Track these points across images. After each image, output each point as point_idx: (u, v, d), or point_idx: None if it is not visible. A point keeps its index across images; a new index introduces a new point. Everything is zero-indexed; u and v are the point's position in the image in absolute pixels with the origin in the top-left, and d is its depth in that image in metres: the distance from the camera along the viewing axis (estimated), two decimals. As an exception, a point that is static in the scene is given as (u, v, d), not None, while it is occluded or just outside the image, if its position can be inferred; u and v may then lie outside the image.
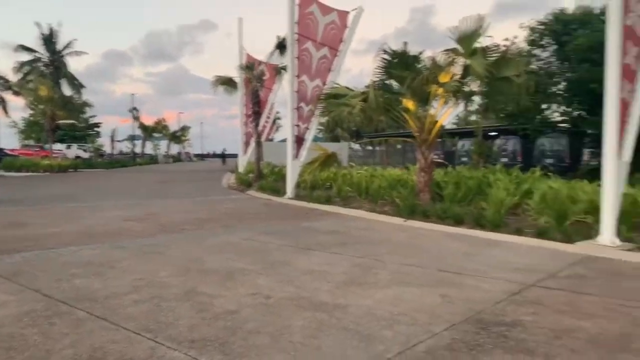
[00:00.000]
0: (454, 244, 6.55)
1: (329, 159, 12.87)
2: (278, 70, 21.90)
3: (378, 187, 11.60)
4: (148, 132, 58.68)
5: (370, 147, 38.94)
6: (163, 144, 66.47)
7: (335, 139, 48.47)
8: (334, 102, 11.17)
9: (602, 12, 7.25)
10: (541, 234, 6.89)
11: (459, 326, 3.34)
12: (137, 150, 57.20)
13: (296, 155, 13.34)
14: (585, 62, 14.24)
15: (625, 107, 6.51)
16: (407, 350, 2.92)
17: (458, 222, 8.12)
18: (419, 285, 4.39)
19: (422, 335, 3.16)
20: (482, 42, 9.55)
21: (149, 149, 61.56)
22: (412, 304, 3.83)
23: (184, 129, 71.48)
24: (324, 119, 14.88)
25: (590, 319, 3.49)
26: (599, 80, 6.58)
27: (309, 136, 13.63)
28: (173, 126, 68.64)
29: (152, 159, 52.82)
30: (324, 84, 13.58)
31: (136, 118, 55.49)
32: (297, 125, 13.39)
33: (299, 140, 13.47)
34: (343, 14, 13.89)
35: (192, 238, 6.95)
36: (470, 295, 4.08)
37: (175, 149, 71.87)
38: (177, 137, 69.26)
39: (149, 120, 61.20)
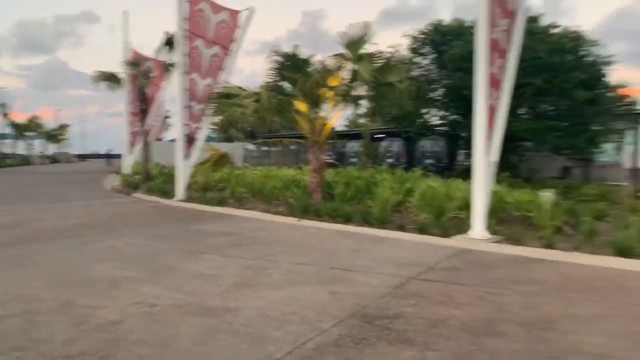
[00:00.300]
0: (344, 242, 6.78)
1: (222, 159, 12.66)
2: (166, 67, 21.05)
3: (272, 188, 11.64)
4: (20, 130, 53.21)
5: (265, 148, 38.91)
6: (38, 144, 60.65)
7: (229, 139, 47.74)
8: (226, 102, 11.01)
9: (474, 25, 8.00)
10: (422, 229, 7.39)
11: (347, 321, 3.47)
12: (7, 150, 51.61)
13: (187, 156, 12.92)
14: (459, 70, 15.55)
15: (492, 112, 7.20)
16: (296, 349, 2.98)
17: (348, 220, 8.43)
18: (310, 284, 4.49)
19: (311, 333, 3.24)
20: (368, 48, 10.00)
21: (21, 149, 55.86)
22: (303, 303, 3.90)
23: (63, 127, 65.78)
24: (216, 119, 14.60)
25: (462, 308, 3.82)
26: (471, 88, 7.21)
27: (201, 136, 13.29)
28: (50, 124, 62.96)
29: (25, 160, 47.86)
30: (216, 82, 13.33)
31: (5, 115, 50.02)
32: (188, 125, 12.98)
33: (190, 140, 13.07)
34: (234, 13, 13.74)
35: (71, 246, 6.44)
36: (358, 290, 4.27)
37: (52, 149, 65.87)
38: (54, 136, 63.52)
39: (21, 118, 55.59)
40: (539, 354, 2.96)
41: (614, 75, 17.05)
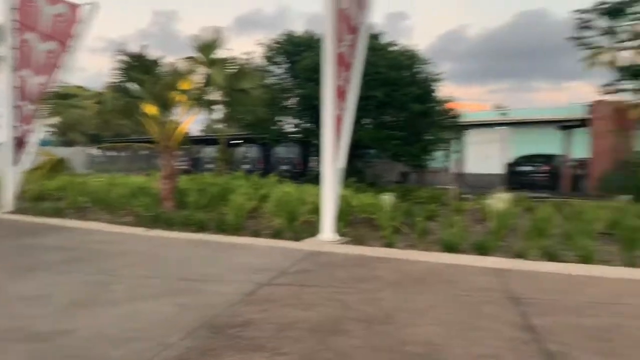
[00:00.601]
0: (196, 251, 6.61)
1: (58, 165, 11.53)
2: (-10, 61, 18.44)
3: (118, 196, 10.87)
4: None
5: (113, 153, 36.17)
6: None
7: (70, 143, 43.40)
8: (63, 103, 10.05)
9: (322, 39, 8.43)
10: (276, 234, 7.54)
11: (195, 333, 3.38)
12: None
13: (16, 161, 11.43)
14: (311, 81, 16.20)
15: (339, 122, 7.62)
16: (139, 368, 2.82)
17: (201, 228, 8.23)
18: (157, 297, 4.28)
19: (156, 348, 3.09)
20: (221, 53, 9.94)
21: None
22: (148, 318, 3.71)
23: None
24: (53, 121, 13.20)
25: (311, 309, 3.97)
26: (320, 98, 7.55)
27: (33, 139, 11.85)
28: None
29: None
30: (52, 81, 12.03)
31: None
32: (17, 126, 11.49)
33: (20, 144, 11.58)
34: (74, 7, 12.55)
35: None
36: (208, 300, 4.18)
37: None
38: None
39: None
40: (378, 348, 3.20)
41: (442, 91, 19.33)
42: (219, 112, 12.96)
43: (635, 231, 6.46)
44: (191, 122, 11.06)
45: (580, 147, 22.25)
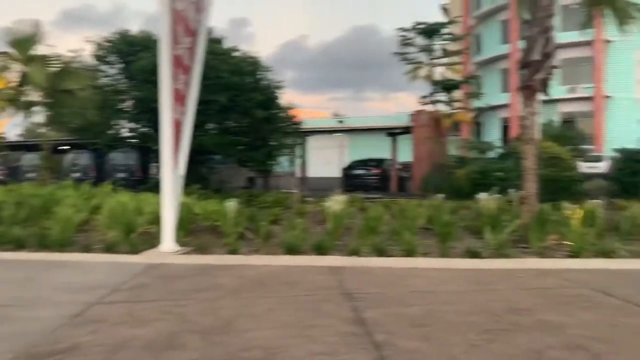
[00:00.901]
0: (11, 272, 5.81)
1: None
2: None
3: None
4: None
5: None
6: None
7: None
8: None
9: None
10: (109, 248, 6.99)
11: (6, 367, 2.98)
12: None
13: None
14: (148, 83, 15.34)
15: (178, 126, 7.37)
16: None
17: (19, 246, 7.28)
18: (-42, 331, 3.66)
19: (-47, 392, 2.65)
20: (41, 49, 8.95)
21: None
22: (-56, 357, 3.16)
23: None
24: None
25: (146, 325, 3.75)
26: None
27: None
28: None
29: None
30: None
31: None
32: None
33: None
34: None
35: None
36: (24, 327, 3.70)
37: None
38: None
39: None
40: (216, 358, 3.15)
41: (285, 98, 19.96)
42: (40, 114, 11.60)
43: (448, 225, 7.40)
44: (6, 125, 9.74)
45: (405, 152, 24.80)
